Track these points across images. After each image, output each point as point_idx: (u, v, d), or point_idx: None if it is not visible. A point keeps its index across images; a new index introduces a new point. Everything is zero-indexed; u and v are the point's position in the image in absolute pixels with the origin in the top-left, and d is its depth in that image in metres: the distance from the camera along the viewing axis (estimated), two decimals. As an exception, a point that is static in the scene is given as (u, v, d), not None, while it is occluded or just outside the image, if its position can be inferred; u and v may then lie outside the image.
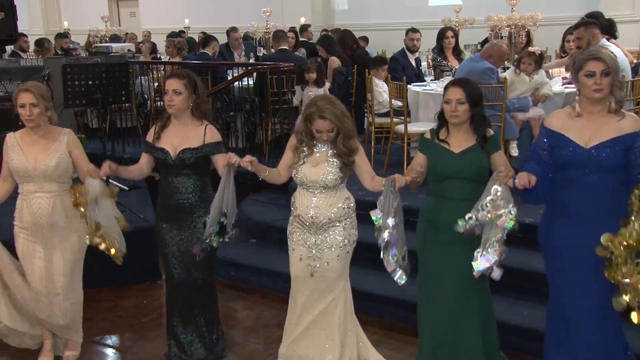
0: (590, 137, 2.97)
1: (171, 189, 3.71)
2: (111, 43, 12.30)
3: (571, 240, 3.06)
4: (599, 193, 2.97)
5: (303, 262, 3.63)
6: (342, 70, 7.72)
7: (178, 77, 3.68)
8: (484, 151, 3.36)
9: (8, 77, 6.61)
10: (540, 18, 6.98)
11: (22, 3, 10.34)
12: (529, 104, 5.60)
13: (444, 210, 3.40)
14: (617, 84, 2.96)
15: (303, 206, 3.59)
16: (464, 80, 3.42)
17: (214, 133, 3.72)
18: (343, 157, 3.49)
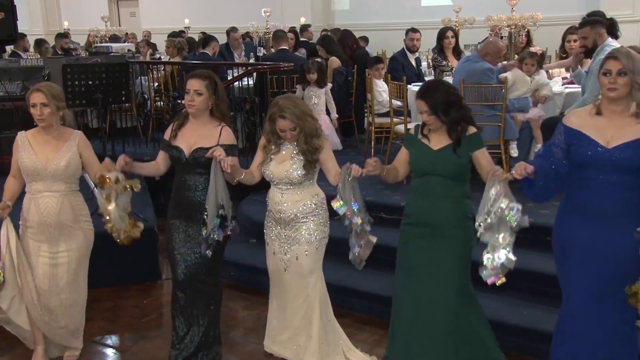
0: (612, 137, 2.93)
1: (183, 186, 3.74)
2: (111, 43, 12.30)
3: (586, 240, 3.03)
4: (617, 193, 2.95)
5: (276, 257, 3.77)
6: (342, 70, 7.72)
7: (200, 77, 3.68)
8: (457, 154, 3.36)
9: (8, 77, 6.62)
10: (540, 18, 6.98)
11: (22, 3, 10.34)
12: (529, 104, 5.60)
13: (424, 205, 3.46)
14: (636, 86, 2.89)
15: (273, 202, 3.75)
16: (427, 92, 3.40)
17: (229, 135, 3.74)
18: (307, 154, 3.60)
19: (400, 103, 6.32)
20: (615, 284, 2.96)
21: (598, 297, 3.03)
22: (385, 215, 5.13)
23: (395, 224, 3.79)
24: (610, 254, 2.96)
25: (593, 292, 3.04)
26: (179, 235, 3.77)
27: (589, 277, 3.03)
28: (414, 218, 3.51)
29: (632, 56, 2.92)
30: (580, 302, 3.09)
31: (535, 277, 4.24)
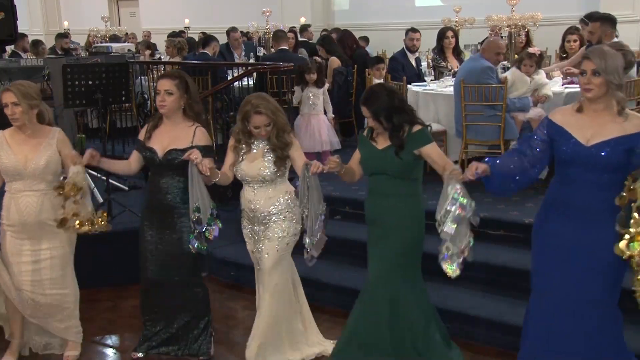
0: (592, 135, 2.94)
1: (157, 188, 3.75)
2: (111, 43, 12.30)
3: (567, 236, 3.04)
4: (597, 191, 2.96)
5: (253, 255, 3.82)
6: (342, 70, 7.72)
7: (170, 77, 3.70)
8: (400, 157, 3.41)
9: (8, 77, 6.62)
10: (540, 18, 6.97)
11: (22, 3, 10.34)
12: (529, 104, 5.60)
13: (373, 204, 3.57)
14: (612, 86, 2.90)
15: (246, 200, 3.75)
16: (369, 99, 3.46)
17: (204, 136, 3.74)
18: (277, 151, 3.62)
19: (400, 103, 6.31)
20: (594, 281, 2.98)
21: (576, 294, 3.03)
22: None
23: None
24: (590, 252, 2.98)
25: (571, 288, 3.04)
26: (151, 237, 3.79)
27: (568, 273, 3.04)
28: (367, 215, 3.63)
29: (606, 55, 2.91)
30: (556, 297, 3.08)
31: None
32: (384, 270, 3.54)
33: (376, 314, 3.57)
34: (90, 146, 4.11)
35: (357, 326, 3.66)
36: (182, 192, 3.72)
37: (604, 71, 2.88)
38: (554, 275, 3.09)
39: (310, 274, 4.46)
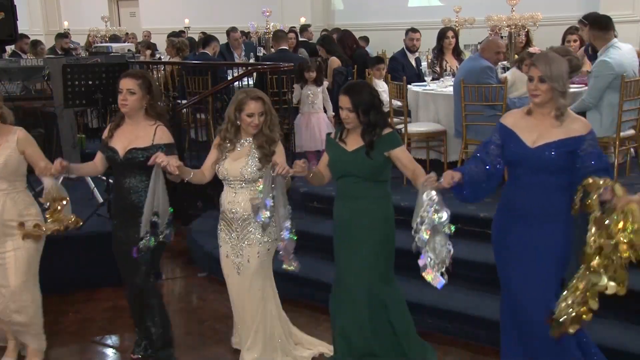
0: (538, 136, 3.03)
1: (121, 188, 3.73)
2: (111, 43, 12.30)
3: (518, 237, 3.12)
4: (543, 193, 3.03)
5: (229, 259, 3.73)
6: (342, 70, 7.72)
7: (133, 76, 3.66)
8: (370, 156, 3.42)
9: (8, 77, 6.62)
10: (540, 18, 6.97)
11: (22, 3, 10.34)
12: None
13: (343, 208, 3.56)
14: (557, 93, 2.98)
15: (226, 202, 3.69)
16: (352, 89, 3.47)
17: (165, 134, 3.70)
18: (264, 147, 3.58)
19: (400, 103, 6.31)
20: (544, 281, 3.04)
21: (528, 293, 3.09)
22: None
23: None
24: (539, 253, 3.05)
25: (524, 287, 3.11)
26: (119, 239, 3.77)
27: (521, 272, 3.11)
28: (338, 219, 3.62)
29: (551, 62, 2.98)
30: (515, 295, 3.17)
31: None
32: (364, 273, 3.52)
33: (361, 318, 3.58)
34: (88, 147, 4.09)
35: (348, 331, 3.63)
36: (145, 191, 3.63)
37: (549, 78, 2.96)
38: (510, 274, 3.18)
39: (310, 274, 4.48)
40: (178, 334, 4.49)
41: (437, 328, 4.26)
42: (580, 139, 2.97)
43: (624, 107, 5.27)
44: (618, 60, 5.27)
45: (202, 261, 5.53)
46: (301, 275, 4.65)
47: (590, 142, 2.98)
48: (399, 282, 4.50)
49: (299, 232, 3.63)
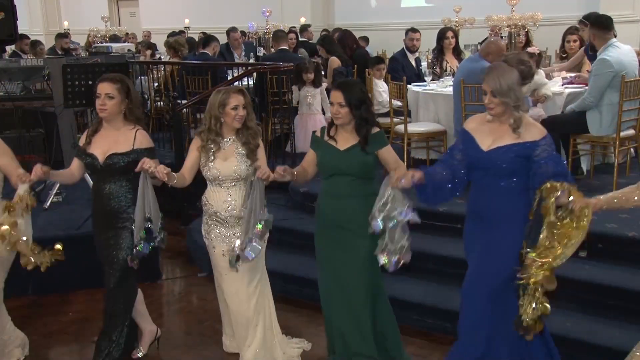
0: (493, 141, 3.11)
1: (101, 194, 3.68)
2: (111, 43, 12.30)
3: (477, 240, 3.22)
4: (497, 196, 3.10)
5: (226, 257, 3.71)
6: (342, 70, 7.72)
7: (111, 81, 3.62)
8: (366, 151, 3.46)
9: (8, 77, 6.62)
10: (540, 18, 6.97)
11: (22, 3, 10.35)
12: (528, 104, 5.58)
13: (334, 207, 3.56)
14: (511, 107, 3.04)
15: (219, 202, 3.70)
16: (345, 85, 3.54)
17: (145, 139, 3.68)
18: (250, 141, 3.64)
19: (400, 103, 6.31)
20: (502, 283, 3.09)
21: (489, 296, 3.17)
22: None
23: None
24: (496, 255, 3.12)
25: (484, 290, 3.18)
26: (101, 244, 3.73)
27: (480, 273, 3.20)
28: (326, 219, 3.61)
29: (500, 77, 3.04)
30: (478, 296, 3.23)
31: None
32: (363, 273, 3.53)
33: (361, 319, 3.58)
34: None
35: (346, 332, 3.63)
36: (126, 196, 3.66)
37: (499, 93, 3.03)
38: (472, 273, 3.27)
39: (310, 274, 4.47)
40: (178, 334, 4.50)
41: (437, 328, 4.26)
42: (534, 144, 3.04)
43: (624, 107, 5.27)
44: (617, 58, 5.29)
45: (202, 261, 5.52)
46: (301, 275, 4.67)
47: (545, 147, 3.04)
48: (399, 282, 4.52)
49: (299, 232, 3.64)
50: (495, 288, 3.16)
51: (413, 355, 3.93)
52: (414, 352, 3.99)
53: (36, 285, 5.01)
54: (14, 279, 4.95)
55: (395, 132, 6.29)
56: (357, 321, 3.60)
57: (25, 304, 4.90)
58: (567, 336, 3.76)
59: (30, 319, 4.68)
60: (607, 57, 5.28)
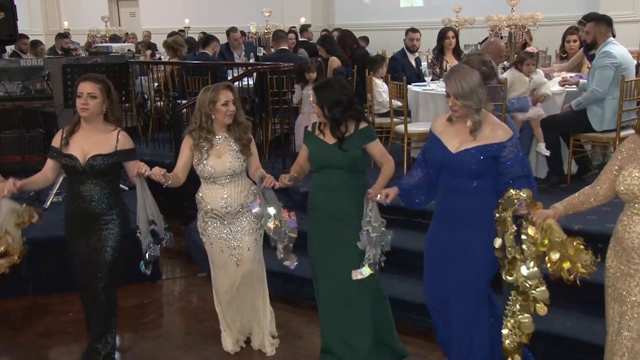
0: (460, 143, 3.15)
1: (80, 196, 3.59)
2: (111, 43, 12.30)
3: (442, 241, 3.26)
4: (466, 197, 3.13)
5: (225, 254, 3.83)
6: (342, 70, 7.72)
7: (93, 80, 3.59)
8: (344, 148, 3.53)
9: (8, 77, 6.61)
10: (540, 18, 6.97)
11: (22, 3, 10.34)
12: (528, 103, 5.58)
13: (325, 198, 3.63)
14: (472, 110, 3.08)
15: (214, 200, 3.78)
16: (319, 87, 3.63)
17: (127, 140, 3.65)
18: (242, 137, 3.73)
19: (400, 103, 6.31)
20: (467, 283, 3.17)
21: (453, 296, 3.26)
22: None
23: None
24: (462, 255, 3.16)
25: (448, 290, 3.27)
26: (79, 248, 3.65)
27: (445, 274, 3.25)
28: (318, 212, 3.67)
29: (461, 80, 3.07)
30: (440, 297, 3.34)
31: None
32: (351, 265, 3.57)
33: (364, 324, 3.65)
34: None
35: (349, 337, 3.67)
36: (107, 198, 3.61)
37: (461, 97, 3.06)
38: (435, 275, 3.33)
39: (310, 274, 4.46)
40: (178, 334, 4.50)
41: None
42: (501, 145, 3.08)
43: (624, 106, 5.27)
44: (619, 52, 5.39)
45: (202, 261, 5.51)
46: (301, 275, 4.67)
47: (511, 148, 3.08)
48: (399, 282, 4.53)
49: (299, 232, 3.68)
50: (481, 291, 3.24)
51: (413, 355, 3.93)
52: (414, 352, 3.99)
53: (36, 285, 5.02)
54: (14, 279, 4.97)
55: (395, 132, 6.29)
56: (361, 327, 3.63)
57: (25, 304, 4.91)
58: (567, 336, 3.76)
59: (30, 319, 4.68)
60: (609, 50, 5.36)
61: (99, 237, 3.62)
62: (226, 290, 3.94)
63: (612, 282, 2.83)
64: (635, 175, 2.66)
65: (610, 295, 2.85)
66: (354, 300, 3.62)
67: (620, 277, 2.78)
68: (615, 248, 2.81)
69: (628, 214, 2.73)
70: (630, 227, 2.70)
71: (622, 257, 2.75)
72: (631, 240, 2.70)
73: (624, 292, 2.76)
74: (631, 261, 2.72)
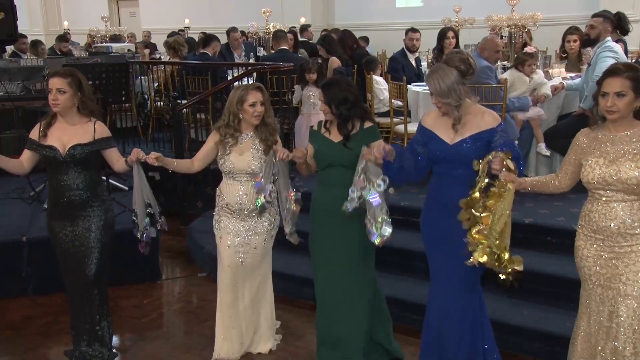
0: (455, 134, 3.26)
1: (62, 186, 3.70)
2: (111, 43, 12.30)
3: (443, 229, 3.31)
4: (465, 185, 3.17)
5: (231, 250, 3.88)
6: (342, 70, 7.71)
7: (61, 75, 3.66)
8: (349, 147, 3.56)
9: (8, 77, 6.62)
10: (540, 18, 6.98)
11: (22, 3, 10.35)
12: (528, 103, 5.59)
13: (328, 196, 3.65)
14: (451, 108, 3.20)
15: (231, 195, 3.85)
16: (326, 84, 3.70)
17: (104, 129, 3.77)
18: (268, 138, 3.77)
19: (400, 103, 6.32)
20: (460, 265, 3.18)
21: (455, 279, 3.32)
22: None
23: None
24: (461, 242, 3.17)
25: (450, 274, 3.33)
26: (65, 236, 3.74)
27: (448, 262, 3.32)
28: (320, 208, 3.70)
29: (440, 79, 3.17)
30: (441, 283, 3.40)
31: (536, 277, 4.23)
32: (359, 261, 3.64)
33: (357, 306, 3.67)
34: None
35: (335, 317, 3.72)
36: (89, 186, 3.72)
37: (440, 95, 3.19)
38: (438, 265, 3.41)
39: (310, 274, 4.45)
40: (178, 334, 4.50)
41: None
42: (492, 131, 3.21)
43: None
44: (619, 49, 5.48)
45: (202, 261, 5.53)
46: (302, 275, 4.67)
47: (501, 133, 3.23)
48: (399, 282, 4.53)
49: (300, 232, 3.69)
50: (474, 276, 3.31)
51: (413, 355, 3.93)
52: (414, 352, 3.98)
53: (36, 285, 5.02)
54: (14, 279, 4.98)
55: (396, 132, 6.29)
56: (356, 322, 3.66)
57: (25, 304, 4.90)
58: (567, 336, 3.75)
59: (31, 319, 4.68)
60: (612, 45, 5.42)
61: (84, 224, 3.72)
62: (229, 288, 3.94)
63: (593, 271, 2.97)
64: (602, 164, 2.88)
65: (594, 283, 2.98)
66: (349, 295, 3.66)
67: (604, 263, 2.94)
68: (591, 238, 2.97)
69: (602, 202, 2.91)
70: (610, 214, 2.89)
71: (603, 244, 2.93)
72: (616, 226, 2.88)
73: (611, 275, 2.92)
74: (617, 245, 2.89)
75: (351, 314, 3.67)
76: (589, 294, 3.02)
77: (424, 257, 3.57)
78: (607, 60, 5.30)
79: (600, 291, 2.96)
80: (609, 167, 2.87)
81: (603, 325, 2.97)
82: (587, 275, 3.02)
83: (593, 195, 2.96)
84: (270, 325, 4.14)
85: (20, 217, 5.52)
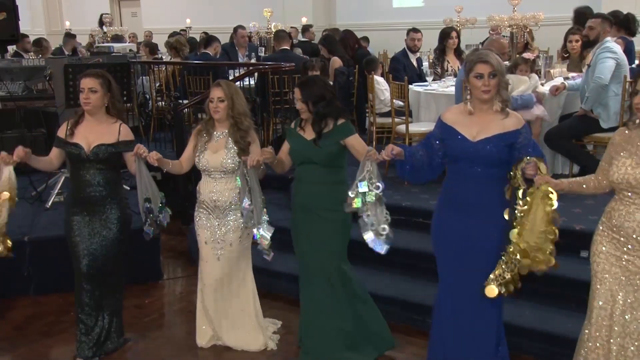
0: (478, 132, 3.20)
1: (83, 182, 3.84)
2: (113, 43, 12.30)
3: (458, 229, 3.27)
4: (484, 184, 3.19)
5: (208, 246, 3.98)
6: (344, 70, 7.72)
7: (94, 76, 3.83)
8: (318, 145, 3.64)
9: (10, 77, 6.63)
10: (542, 18, 6.95)
11: (23, 3, 10.34)
12: (532, 100, 5.51)
13: (303, 192, 3.78)
14: (503, 85, 3.18)
15: (206, 192, 3.95)
16: (304, 83, 3.78)
17: (128, 132, 3.92)
18: (240, 141, 3.83)
19: (401, 103, 6.31)
20: (482, 268, 3.17)
21: (466, 280, 3.26)
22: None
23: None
24: (478, 241, 3.20)
25: (463, 276, 3.28)
26: (83, 230, 3.86)
27: (461, 262, 3.28)
28: (297, 204, 3.84)
29: (497, 59, 3.20)
30: (451, 285, 3.36)
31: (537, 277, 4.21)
32: (330, 255, 3.74)
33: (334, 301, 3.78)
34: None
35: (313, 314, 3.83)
36: (110, 184, 3.87)
37: (499, 72, 3.16)
38: (452, 265, 3.34)
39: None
40: (178, 334, 4.50)
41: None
42: (516, 132, 3.18)
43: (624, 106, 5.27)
44: (618, 49, 5.45)
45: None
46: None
47: (525, 135, 3.21)
48: (400, 282, 4.52)
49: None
50: None
51: (413, 355, 3.93)
52: (414, 352, 3.99)
53: (37, 285, 5.03)
54: (15, 279, 4.98)
55: (397, 132, 6.29)
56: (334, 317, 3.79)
57: (26, 304, 4.91)
58: (567, 336, 3.76)
59: (31, 319, 4.69)
60: (611, 46, 5.41)
61: (103, 221, 3.86)
62: (208, 283, 4.04)
63: (601, 267, 2.97)
64: (629, 165, 2.83)
65: (606, 278, 2.96)
66: (326, 288, 3.76)
67: (615, 262, 2.93)
68: (608, 235, 2.96)
69: (625, 203, 2.88)
70: (630, 216, 2.86)
71: (618, 244, 2.92)
72: (632, 229, 2.85)
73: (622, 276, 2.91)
74: (628, 247, 2.88)
75: (324, 310, 3.78)
76: (596, 291, 2.99)
77: (425, 257, 3.58)
78: (606, 61, 5.29)
79: (609, 286, 2.94)
80: (635, 169, 2.82)
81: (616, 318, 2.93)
82: (594, 270, 3.01)
83: (619, 195, 2.93)
84: (256, 322, 4.14)
85: (22, 217, 5.51)
